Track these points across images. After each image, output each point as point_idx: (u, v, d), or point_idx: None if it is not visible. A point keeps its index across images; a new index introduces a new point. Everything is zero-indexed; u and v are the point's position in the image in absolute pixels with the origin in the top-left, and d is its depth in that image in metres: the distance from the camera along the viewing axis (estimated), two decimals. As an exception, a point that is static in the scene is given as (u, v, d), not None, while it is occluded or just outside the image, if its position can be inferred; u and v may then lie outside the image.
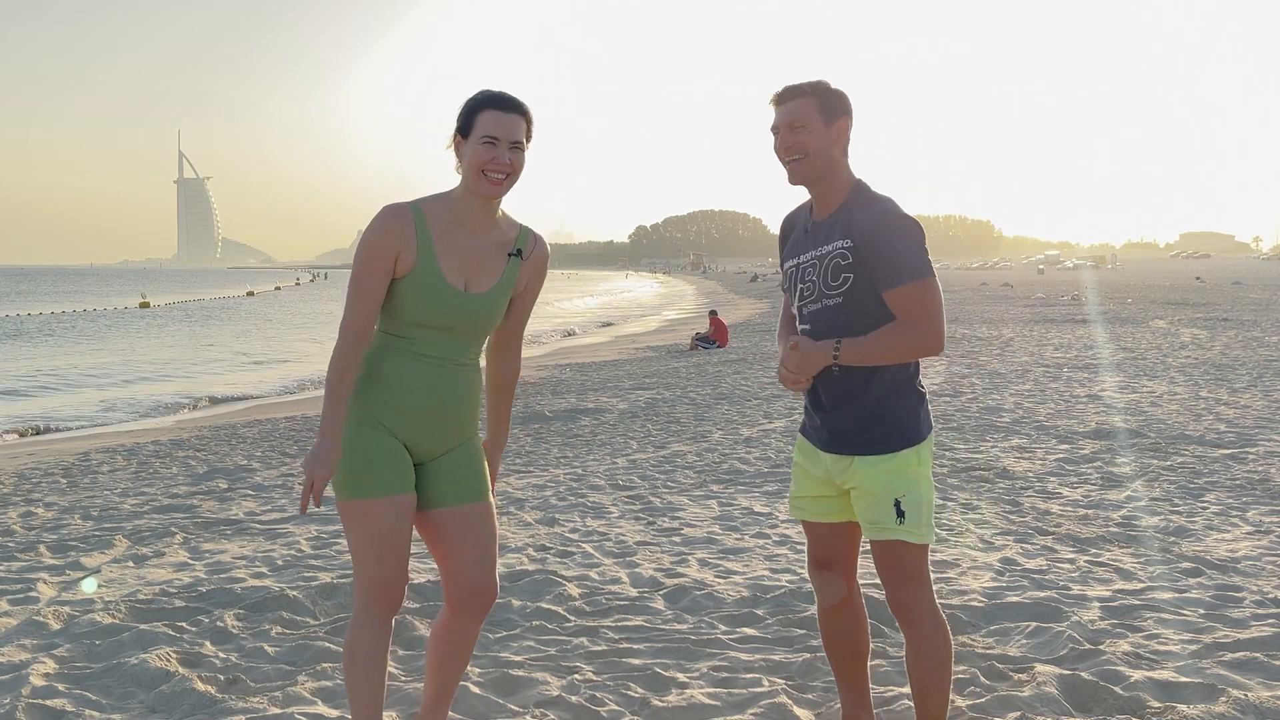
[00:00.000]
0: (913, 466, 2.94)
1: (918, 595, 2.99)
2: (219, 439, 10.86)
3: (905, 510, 2.91)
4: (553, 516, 6.48)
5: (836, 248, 2.90)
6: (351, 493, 2.88)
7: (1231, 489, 6.80)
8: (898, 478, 2.92)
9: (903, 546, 2.94)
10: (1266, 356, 15.33)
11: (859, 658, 3.27)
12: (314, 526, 6.38)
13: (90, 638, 4.33)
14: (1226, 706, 3.43)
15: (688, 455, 8.60)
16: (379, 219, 2.83)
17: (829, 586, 3.17)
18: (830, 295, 2.93)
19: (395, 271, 2.82)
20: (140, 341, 32.91)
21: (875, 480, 2.93)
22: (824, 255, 2.94)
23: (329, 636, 4.34)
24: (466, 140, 2.82)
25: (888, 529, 2.93)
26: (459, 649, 3.09)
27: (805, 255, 3.01)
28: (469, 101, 2.85)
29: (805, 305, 3.01)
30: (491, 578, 3.00)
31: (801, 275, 3.01)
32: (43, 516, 6.91)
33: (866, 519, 2.97)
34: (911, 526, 2.92)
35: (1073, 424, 9.47)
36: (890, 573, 3.00)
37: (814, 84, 2.93)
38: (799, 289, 3.02)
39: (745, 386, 13.45)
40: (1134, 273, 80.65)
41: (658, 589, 4.91)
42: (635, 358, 20.05)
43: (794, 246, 3.09)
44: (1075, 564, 5.20)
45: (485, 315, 2.90)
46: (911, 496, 2.92)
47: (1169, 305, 30.95)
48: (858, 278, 2.88)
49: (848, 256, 2.88)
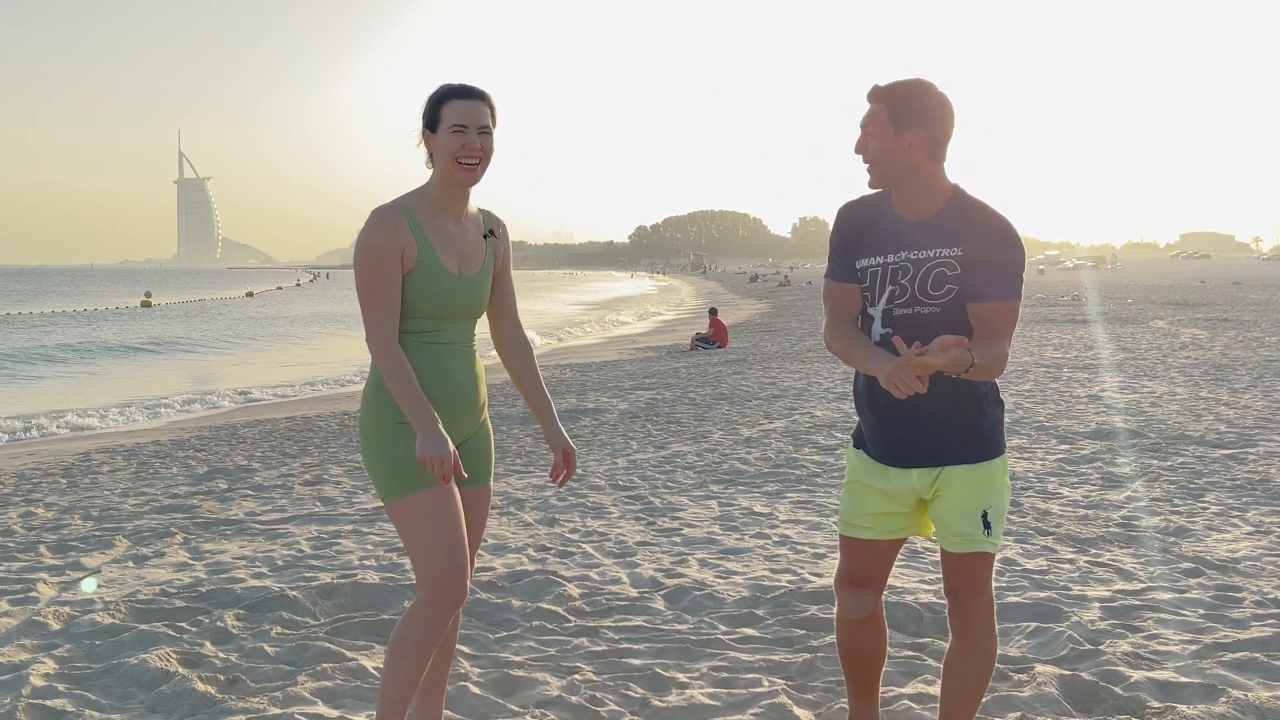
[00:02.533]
0: (1000, 476, 2.91)
1: (983, 606, 2.97)
2: (219, 439, 10.86)
3: (991, 522, 2.88)
4: (553, 517, 6.48)
5: (942, 255, 2.78)
6: (404, 489, 2.89)
7: (1231, 489, 6.80)
8: (986, 489, 2.89)
9: (981, 557, 2.91)
10: (1266, 357, 15.33)
11: (874, 666, 3.25)
12: (314, 526, 6.38)
13: (90, 638, 4.33)
14: (1226, 707, 3.43)
15: (688, 455, 8.60)
16: (378, 222, 2.89)
17: (859, 601, 3.12)
18: (928, 303, 2.81)
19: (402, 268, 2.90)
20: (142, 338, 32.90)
21: (965, 491, 2.88)
22: (923, 260, 2.80)
23: (329, 636, 4.34)
24: (435, 134, 2.91)
25: (975, 540, 2.88)
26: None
27: (897, 255, 2.84)
28: (431, 96, 2.95)
29: (894, 309, 2.85)
30: (472, 560, 3.10)
31: (892, 276, 2.84)
32: (43, 516, 6.91)
33: (951, 530, 2.91)
34: (995, 538, 2.90)
35: (1073, 424, 9.47)
36: (965, 583, 2.96)
37: (892, 88, 2.81)
38: (888, 290, 2.85)
39: (745, 387, 13.45)
40: (1134, 273, 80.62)
41: (658, 589, 4.91)
42: (635, 358, 20.06)
43: (878, 244, 2.89)
44: (1075, 564, 5.20)
45: (482, 295, 3.04)
46: (997, 507, 2.89)
47: (1169, 305, 30.94)
48: (961, 290, 2.78)
49: (956, 267, 2.77)
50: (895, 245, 2.86)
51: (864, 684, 3.28)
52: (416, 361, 2.91)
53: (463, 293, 2.97)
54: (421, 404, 2.85)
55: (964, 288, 2.78)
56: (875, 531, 3.05)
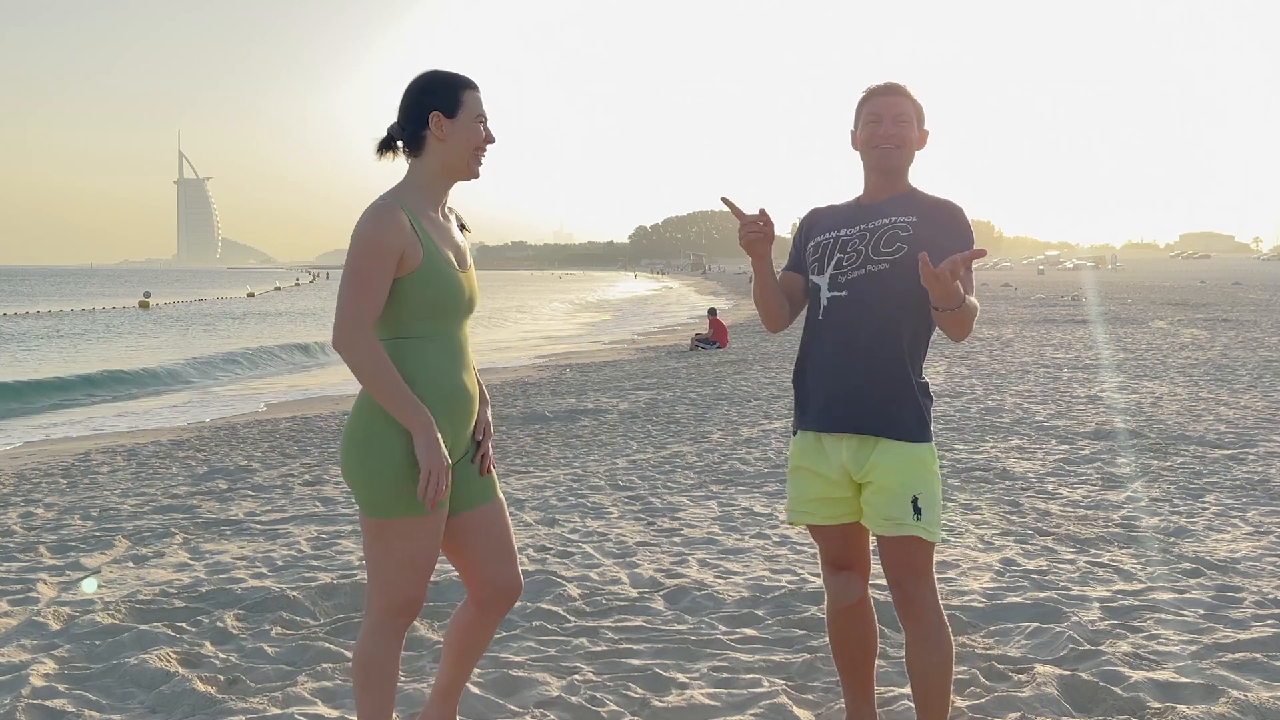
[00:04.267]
0: (928, 464, 2.97)
1: (925, 593, 3.00)
2: (219, 439, 10.86)
3: (922, 507, 2.93)
4: (553, 517, 6.48)
5: (896, 221, 2.99)
6: (394, 511, 2.75)
7: (1231, 489, 6.80)
8: (914, 473, 2.94)
9: (916, 543, 2.95)
10: (1266, 357, 15.33)
11: (867, 659, 3.27)
12: (314, 527, 6.38)
13: (90, 638, 4.33)
14: (1226, 707, 3.43)
15: (688, 456, 8.60)
16: (382, 218, 2.72)
17: (848, 586, 3.16)
18: (877, 261, 2.96)
19: (398, 270, 2.74)
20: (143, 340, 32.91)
21: (893, 473, 2.93)
22: (877, 228, 3.00)
23: (329, 637, 4.34)
24: (454, 120, 2.80)
25: (905, 525, 2.92)
26: (479, 641, 3.09)
27: (850, 229, 3.04)
28: (445, 78, 2.84)
29: (843, 274, 3.01)
30: (516, 573, 3.02)
31: (842, 246, 3.03)
32: (43, 517, 6.91)
33: (882, 514, 2.96)
34: (927, 524, 2.93)
35: (1073, 424, 9.47)
36: (900, 569, 3.00)
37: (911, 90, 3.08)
38: (836, 258, 3.03)
39: (745, 387, 13.45)
40: (1134, 273, 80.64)
41: (658, 589, 4.91)
42: (635, 358, 20.06)
43: (829, 223, 3.12)
44: (1075, 564, 5.20)
45: (476, 288, 2.95)
46: (928, 494, 2.94)
47: (1169, 306, 30.95)
48: (911, 249, 2.93)
49: (909, 229, 2.96)
50: (849, 222, 3.07)
51: (859, 681, 3.29)
52: (418, 363, 2.77)
53: (466, 288, 2.87)
54: (414, 402, 2.70)
55: (915, 247, 2.93)
56: (819, 517, 3.10)
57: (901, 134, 3.02)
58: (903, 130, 3.02)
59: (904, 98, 3.05)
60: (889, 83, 3.08)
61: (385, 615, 2.85)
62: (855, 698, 3.31)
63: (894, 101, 3.04)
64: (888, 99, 3.04)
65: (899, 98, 3.05)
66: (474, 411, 2.94)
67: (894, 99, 3.04)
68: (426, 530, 2.79)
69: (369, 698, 2.88)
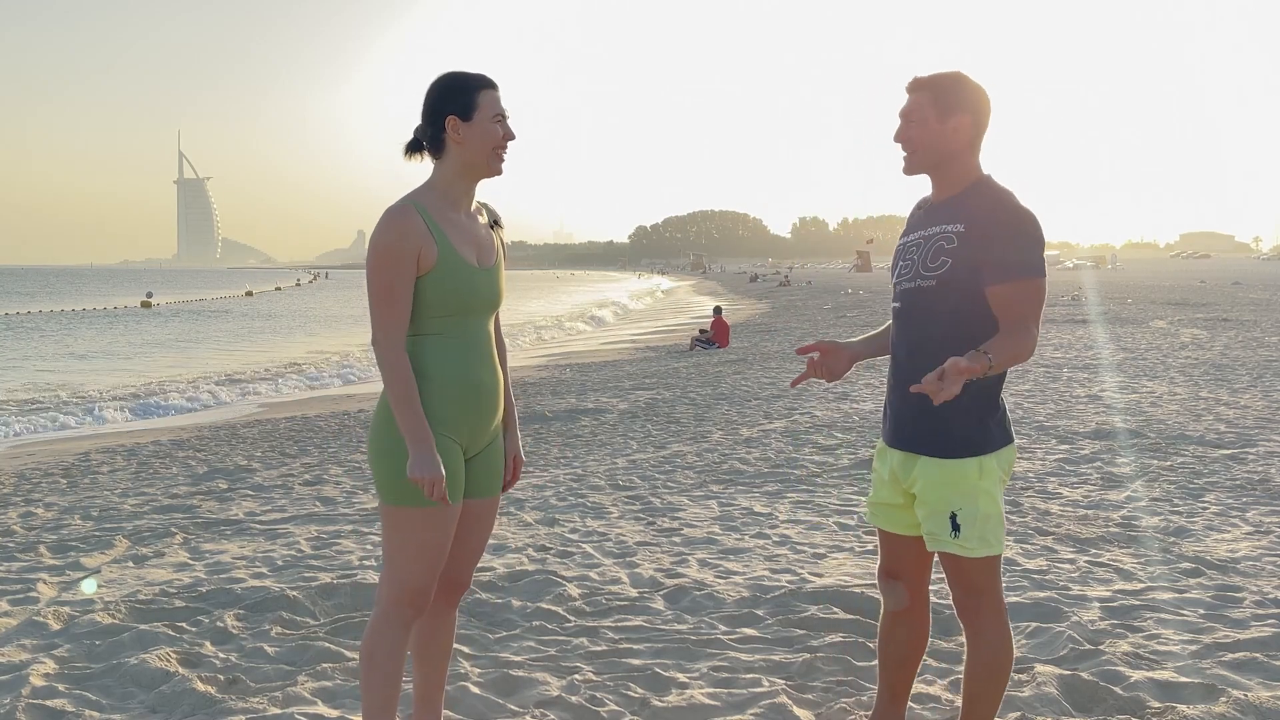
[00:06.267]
0: (971, 479, 2.86)
1: (980, 604, 2.96)
2: (219, 439, 10.86)
3: (961, 524, 2.86)
4: (553, 517, 6.48)
5: (945, 230, 2.84)
6: (412, 500, 2.82)
7: (1231, 489, 6.80)
8: (954, 489, 2.86)
9: (958, 558, 2.90)
10: (1266, 357, 15.33)
11: (905, 664, 3.24)
12: (314, 527, 6.38)
13: (90, 638, 4.33)
14: (1226, 707, 3.43)
15: (688, 455, 8.60)
16: (393, 223, 2.76)
17: (893, 594, 3.16)
18: (925, 276, 2.86)
19: (417, 270, 2.80)
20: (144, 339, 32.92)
21: (932, 488, 2.88)
22: (930, 236, 2.88)
23: (329, 636, 4.34)
24: (470, 122, 2.82)
25: (942, 541, 2.89)
26: (440, 637, 3.14)
27: (913, 235, 2.97)
28: (455, 83, 2.84)
29: (901, 282, 2.95)
30: (471, 573, 3.14)
31: (904, 253, 2.97)
32: (43, 517, 6.91)
33: (925, 529, 2.95)
34: (964, 540, 2.86)
35: (1073, 424, 9.46)
36: (955, 582, 2.98)
37: (935, 78, 2.88)
38: (899, 266, 2.98)
39: (745, 387, 13.45)
40: (1134, 273, 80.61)
41: (658, 589, 4.91)
42: (635, 358, 20.06)
43: (908, 225, 3.05)
44: (1075, 564, 5.20)
45: (500, 286, 2.96)
46: (968, 510, 2.85)
47: (1169, 305, 30.93)
48: (956, 264, 2.80)
49: (953, 240, 2.80)
50: (915, 226, 3.00)
51: (892, 684, 3.27)
52: (439, 362, 2.83)
53: (486, 285, 2.89)
54: (419, 419, 2.77)
55: (962, 266, 2.79)
56: (881, 521, 3.12)
57: (909, 135, 2.89)
58: (910, 131, 2.89)
59: (916, 91, 2.89)
60: (912, 78, 2.92)
61: (393, 605, 2.90)
62: (885, 698, 3.29)
63: (907, 101, 2.91)
64: (908, 98, 2.92)
65: (910, 94, 2.90)
66: (497, 406, 2.99)
67: (908, 98, 2.91)
68: (439, 521, 2.86)
69: (374, 689, 2.92)
